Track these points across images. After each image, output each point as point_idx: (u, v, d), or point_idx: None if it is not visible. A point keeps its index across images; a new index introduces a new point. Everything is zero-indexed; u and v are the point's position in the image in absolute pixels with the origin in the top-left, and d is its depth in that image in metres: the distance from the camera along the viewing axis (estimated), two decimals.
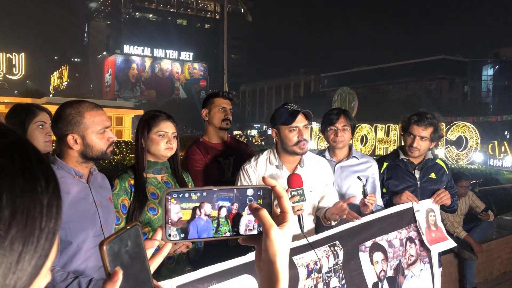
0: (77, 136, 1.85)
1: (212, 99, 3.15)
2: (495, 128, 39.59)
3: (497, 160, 16.86)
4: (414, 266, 2.71)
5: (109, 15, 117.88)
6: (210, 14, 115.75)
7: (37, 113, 2.58)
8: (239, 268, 1.73)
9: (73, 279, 1.67)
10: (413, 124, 2.99)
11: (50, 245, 0.45)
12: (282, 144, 2.44)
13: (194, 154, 3.04)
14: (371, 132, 19.34)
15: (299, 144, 2.38)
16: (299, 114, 2.37)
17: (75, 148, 1.85)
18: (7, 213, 0.40)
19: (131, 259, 0.69)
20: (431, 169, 3.13)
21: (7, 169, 0.41)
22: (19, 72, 68.32)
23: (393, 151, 3.37)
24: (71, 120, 1.84)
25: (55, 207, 0.45)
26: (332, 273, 2.12)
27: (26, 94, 46.96)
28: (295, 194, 2.08)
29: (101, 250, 0.65)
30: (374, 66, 70.64)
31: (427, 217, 2.83)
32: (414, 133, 2.99)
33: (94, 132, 1.87)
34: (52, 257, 0.46)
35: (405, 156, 3.13)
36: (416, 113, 3.07)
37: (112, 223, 2.06)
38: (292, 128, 2.38)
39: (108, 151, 1.93)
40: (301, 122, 2.40)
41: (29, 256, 0.42)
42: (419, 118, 2.99)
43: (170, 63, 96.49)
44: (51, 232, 0.44)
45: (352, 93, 23.38)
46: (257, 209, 0.71)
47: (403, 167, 3.12)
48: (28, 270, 0.42)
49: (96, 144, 1.88)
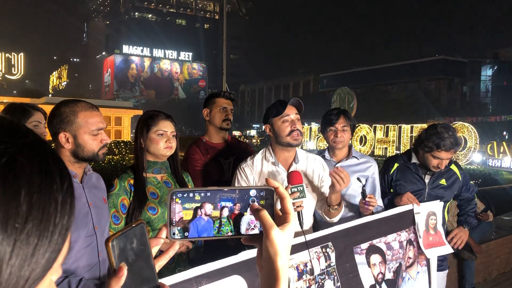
0: (69, 135, 1.84)
1: (213, 99, 3.15)
2: (494, 128, 39.69)
3: (496, 160, 16.91)
4: (411, 268, 2.69)
5: (108, 15, 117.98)
6: (209, 14, 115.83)
7: (32, 113, 2.59)
8: (229, 269, 1.72)
9: (63, 279, 1.66)
10: (443, 150, 2.82)
11: (63, 240, 0.47)
12: (276, 138, 2.46)
13: (194, 154, 3.04)
14: (370, 132, 19.36)
15: (292, 134, 2.40)
16: (288, 104, 2.42)
17: (67, 146, 1.85)
18: (25, 208, 0.42)
19: (136, 256, 0.71)
20: (442, 175, 3.07)
21: (27, 167, 0.43)
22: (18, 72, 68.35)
23: (406, 151, 3.28)
24: (64, 118, 1.84)
25: (68, 204, 0.47)
26: (326, 275, 2.10)
27: (25, 94, 46.95)
28: (295, 191, 2.10)
29: (107, 246, 0.66)
30: (373, 67, 70.69)
31: (427, 220, 2.80)
32: (441, 158, 2.86)
33: (87, 132, 1.86)
34: (64, 253, 0.48)
35: (417, 160, 3.07)
36: (440, 135, 2.84)
37: (106, 223, 2.05)
38: (284, 119, 2.41)
39: (100, 153, 1.92)
40: (292, 112, 2.43)
41: (43, 249, 0.44)
42: (450, 145, 2.81)
43: (169, 63, 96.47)
44: (64, 228, 0.46)
45: (351, 93, 23.42)
46: (258, 210, 0.72)
47: (414, 170, 3.06)
48: (41, 263, 0.44)
49: (88, 144, 1.87)
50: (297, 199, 2.09)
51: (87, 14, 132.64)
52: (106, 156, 1.96)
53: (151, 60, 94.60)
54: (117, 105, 38.34)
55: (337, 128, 2.89)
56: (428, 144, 2.87)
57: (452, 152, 2.87)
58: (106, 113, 30.63)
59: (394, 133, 19.36)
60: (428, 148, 2.88)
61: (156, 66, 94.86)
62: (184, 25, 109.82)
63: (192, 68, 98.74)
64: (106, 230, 2.05)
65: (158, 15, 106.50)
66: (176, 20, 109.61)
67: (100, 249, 1.95)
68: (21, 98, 37.02)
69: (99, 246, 1.94)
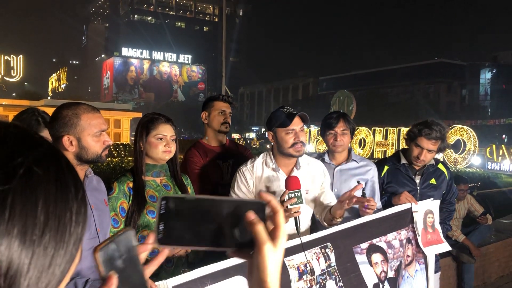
0: (73, 138, 1.84)
1: (211, 102, 3.15)
2: (493, 131, 39.71)
3: (495, 163, 16.91)
4: (410, 266, 2.71)
5: (108, 17, 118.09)
6: (208, 17, 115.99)
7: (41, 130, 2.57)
8: (233, 269, 1.74)
9: (69, 280, 1.66)
10: (423, 137, 2.91)
11: (76, 249, 0.47)
12: (278, 147, 2.44)
13: (193, 157, 3.04)
14: (369, 135, 19.35)
15: (295, 146, 2.38)
16: (295, 117, 2.38)
17: (70, 150, 1.84)
18: (42, 219, 0.42)
19: (125, 263, 0.70)
20: (431, 175, 3.12)
21: (43, 178, 0.44)
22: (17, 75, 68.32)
23: (394, 153, 3.34)
24: (67, 122, 1.83)
25: (82, 213, 0.48)
26: (327, 275, 2.11)
27: (24, 96, 47.03)
28: (293, 197, 2.08)
29: (95, 255, 0.66)
30: (373, 69, 70.84)
31: (425, 219, 2.82)
32: (422, 146, 2.93)
33: (90, 134, 1.86)
34: (76, 262, 0.48)
35: (406, 161, 3.12)
36: (427, 124, 2.95)
37: (107, 226, 2.06)
38: (288, 131, 2.38)
39: (103, 155, 1.92)
40: (298, 125, 2.40)
41: (60, 260, 0.44)
42: (429, 131, 2.89)
43: (169, 65, 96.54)
44: (79, 237, 0.47)
45: (350, 96, 23.35)
46: (253, 223, 0.69)
47: (404, 171, 3.10)
48: (57, 274, 0.44)
49: (92, 146, 1.86)
50: (294, 204, 2.07)
51: (87, 16, 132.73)
52: (106, 158, 1.96)
53: (150, 62, 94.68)
54: (116, 108, 38.31)
55: (337, 132, 2.89)
56: (413, 130, 2.99)
57: (433, 143, 2.92)
58: (105, 115, 30.52)
59: (393, 136, 19.34)
60: (412, 134, 2.98)
61: (155, 69, 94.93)
62: (183, 27, 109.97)
63: (191, 71, 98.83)
64: (108, 232, 2.06)
65: (157, 18, 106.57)
66: (176, 23, 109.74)
67: None
68: (20, 100, 37.06)
69: None
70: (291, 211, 2.08)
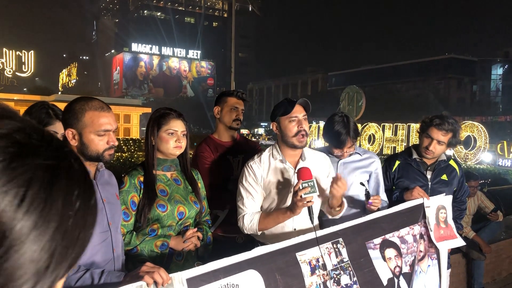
0: (76, 132, 1.85)
1: (225, 98, 3.15)
2: (504, 128, 39.33)
3: (506, 160, 16.74)
4: (422, 261, 2.71)
5: (118, 13, 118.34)
6: (218, 12, 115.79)
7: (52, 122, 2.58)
8: (246, 263, 1.79)
9: (85, 272, 1.69)
10: (434, 127, 2.94)
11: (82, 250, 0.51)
12: (283, 137, 2.48)
13: (204, 152, 3.05)
14: (379, 131, 19.26)
15: (298, 135, 2.41)
16: (296, 104, 2.43)
17: (73, 143, 1.85)
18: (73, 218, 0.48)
19: None
20: (443, 171, 3.11)
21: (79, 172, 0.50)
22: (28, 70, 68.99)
23: (406, 149, 3.33)
24: (73, 115, 1.85)
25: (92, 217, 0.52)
26: (341, 270, 2.14)
27: (36, 91, 47.37)
28: (306, 186, 2.14)
29: None
30: (382, 65, 70.24)
31: (437, 214, 2.81)
32: (432, 136, 2.94)
33: (92, 132, 1.85)
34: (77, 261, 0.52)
35: (418, 155, 3.11)
36: (439, 116, 3.00)
37: (119, 219, 2.08)
38: (291, 118, 2.42)
39: (106, 154, 1.90)
40: (300, 113, 2.45)
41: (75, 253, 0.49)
42: (440, 122, 2.93)
43: (178, 61, 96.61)
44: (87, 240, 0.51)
45: (360, 92, 23.21)
46: None
47: (415, 166, 3.10)
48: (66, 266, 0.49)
49: (92, 144, 1.86)
50: (308, 194, 2.14)
51: (97, 12, 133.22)
52: (113, 158, 1.95)
53: (159, 58, 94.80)
54: (126, 103, 38.55)
55: (344, 151, 2.89)
56: (425, 120, 3.03)
57: (443, 133, 2.93)
58: (115, 110, 30.59)
59: (403, 132, 19.21)
60: (424, 124, 3.02)
61: (164, 64, 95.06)
62: (192, 23, 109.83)
63: (200, 66, 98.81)
64: (119, 226, 2.08)
65: (167, 13, 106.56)
66: (185, 18, 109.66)
67: (115, 245, 1.98)
68: (31, 95, 37.38)
69: (114, 242, 1.97)
70: (305, 200, 2.14)
